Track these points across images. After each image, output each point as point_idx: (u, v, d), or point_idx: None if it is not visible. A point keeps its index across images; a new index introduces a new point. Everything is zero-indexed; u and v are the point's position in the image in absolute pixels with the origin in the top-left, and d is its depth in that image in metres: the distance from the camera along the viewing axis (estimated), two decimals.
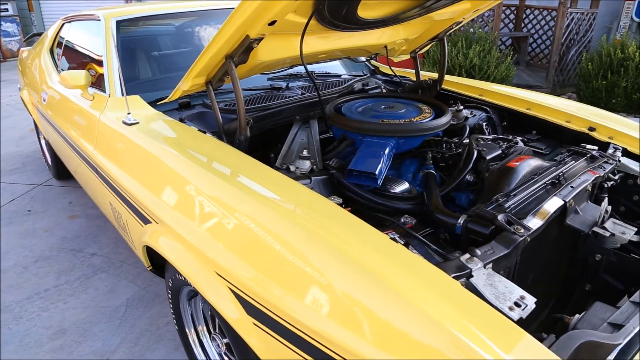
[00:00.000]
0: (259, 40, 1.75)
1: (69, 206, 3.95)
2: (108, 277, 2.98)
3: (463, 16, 2.44)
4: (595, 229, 1.63)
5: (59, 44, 3.62)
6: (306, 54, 2.18)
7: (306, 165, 1.83)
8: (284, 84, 2.64)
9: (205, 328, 1.98)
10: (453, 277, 1.19)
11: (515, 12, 8.62)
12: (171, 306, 2.02)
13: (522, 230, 1.40)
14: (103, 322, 2.58)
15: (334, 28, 1.98)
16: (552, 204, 1.56)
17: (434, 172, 1.90)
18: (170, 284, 1.91)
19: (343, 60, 3.15)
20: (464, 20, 2.50)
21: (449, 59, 6.28)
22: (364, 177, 1.77)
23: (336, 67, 3.17)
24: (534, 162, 1.82)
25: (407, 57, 2.87)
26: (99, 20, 2.80)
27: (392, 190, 1.84)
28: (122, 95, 2.36)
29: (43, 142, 4.48)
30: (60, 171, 4.20)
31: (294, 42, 2.03)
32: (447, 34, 2.61)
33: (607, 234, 1.61)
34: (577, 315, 1.31)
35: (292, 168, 1.84)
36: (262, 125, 2.29)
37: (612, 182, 2.02)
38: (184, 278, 1.66)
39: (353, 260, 1.16)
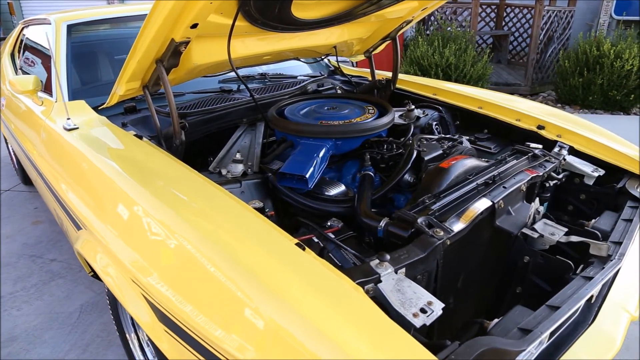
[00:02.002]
0: (186, 43, 1.72)
1: (34, 212, 3.92)
2: (65, 283, 2.94)
3: (412, 15, 2.42)
4: (524, 230, 1.61)
5: (19, 49, 3.59)
6: (248, 56, 2.17)
7: (238, 169, 1.81)
8: (235, 87, 2.61)
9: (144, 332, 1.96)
10: (359, 283, 1.18)
11: (495, 10, 8.63)
12: (111, 311, 1.99)
13: (442, 233, 1.38)
14: (55, 329, 2.55)
15: (271, 29, 1.96)
16: (479, 206, 1.54)
17: (371, 174, 1.88)
18: (107, 290, 1.88)
19: (307, 60, 3.13)
20: (413, 19, 2.49)
21: (425, 58, 6.27)
22: (296, 180, 1.75)
23: (301, 68, 3.14)
24: (469, 163, 1.81)
25: (362, 57, 2.85)
26: (50, 24, 2.77)
27: (326, 193, 1.82)
28: (65, 100, 2.33)
29: (11, 147, 4.44)
30: (27, 176, 4.16)
31: (231, 44, 2.01)
32: (399, 33, 2.59)
33: (536, 235, 1.60)
34: (495, 320, 1.29)
35: (223, 172, 1.81)
36: (207, 128, 2.27)
37: (555, 182, 2.01)
38: None
39: (248, 268, 1.14)
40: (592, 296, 1.52)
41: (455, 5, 7.58)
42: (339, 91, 2.82)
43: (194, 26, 1.62)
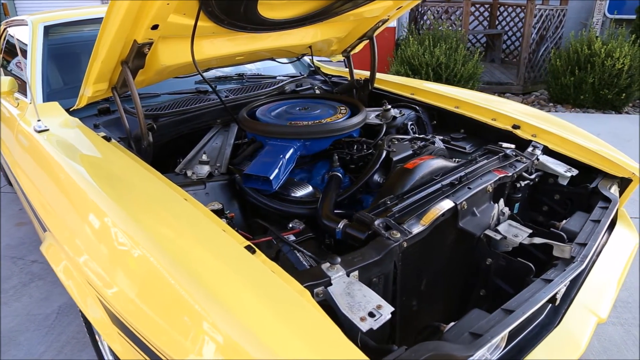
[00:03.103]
0: (149, 44, 1.71)
1: (19, 213, 3.91)
2: (45, 284, 2.94)
3: (387, 14, 2.41)
4: (487, 232, 1.60)
5: (1, 50, 3.58)
6: (219, 57, 2.15)
7: (204, 170, 1.80)
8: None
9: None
10: (307, 286, 1.16)
11: (489, 9, 8.61)
12: (81, 313, 1.98)
13: (398, 236, 1.37)
14: (31, 331, 2.54)
15: (239, 30, 1.94)
16: (440, 207, 1.52)
17: (339, 174, 1.86)
18: None
19: (285, 60, 3.12)
20: (389, 19, 2.47)
21: (416, 57, 6.25)
22: (261, 182, 1.73)
23: (285, 68, 3.13)
24: (436, 163, 1.79)
25: (341, 57, 2.84)
26: (27, 25, 2.76)
27: (293, 194, 1.81)
28: (37, 101, 2.32)
29: None
30: None
31: (199, 45, 2.00)
32: (376, 32, 2.58)
33: (499, 237, 1.58)
34: (451, 323, 1.28)
35: (189, 173, 1.80)
36: (180, 129, 2.26)
37: (527, 182, 1.99)
38: None
39: (192, 272, 1.12)
40: (555, 299, 1.50)
41: (447, 4, 7.56)
42: (317, 91, 2.81)
43: (155, 27, 1.60)
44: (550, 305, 1.59)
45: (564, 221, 1.84)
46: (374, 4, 2.20)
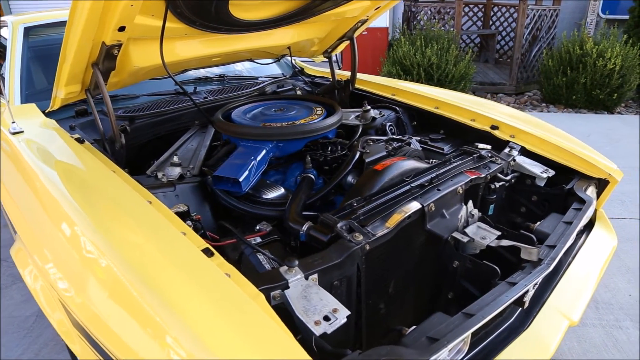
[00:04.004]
0: (118, 46, 1.70)
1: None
2: (25, 287, 2.91)
3: (366, 14, 2.40)
4: (455, 234, 1.59)
5: None
6: (194, 58, 2.15)
7: (175, 172, 1.79)
8: (191, 88, 2.59)
9: None
10: (263, 289, 1.16)
11: (483, 9, 8.60)
12: None
13: (361, 238, 1.36)
14: (10, 333, 2.53)
15: (213, 31, 1.94)
16: (407, 209, 1.51)
17: (312, 176, 1.85)
18: None
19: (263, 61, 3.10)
20: (368, 19, 2.46)
21: (407, 57, 6.24)
22: (231, 183, 1.72)
23: (270, 68, 3.11)
24: (407, 165, 1.78)
25: (322, 58, 2.83)
26: (7, 26, 2.75)
27: (264, 196, 1.80)
28: (15, 102, 2.31)
29: None
30: None
31: (172, 46, 2.00)
32: (355, 32, 2.57)
33: (466, 240, 1.57)
34: (413, 327, 1.27)
35: (159, 175, 1.79)
36: (157, 130, 2.25)
37: (502, 183, 1.98)
38: None
39: (144, 275, 1.11)
40: (523, 302, 1.50)
41: (440, 5, 7.56)
42: (298, 92, 2.80)
43: (122, 29, 1.59)
44: (521, 308, 1.58)
45: (538, 223, 1.83)
46: (351, 4, 2.19)
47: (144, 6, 1.54)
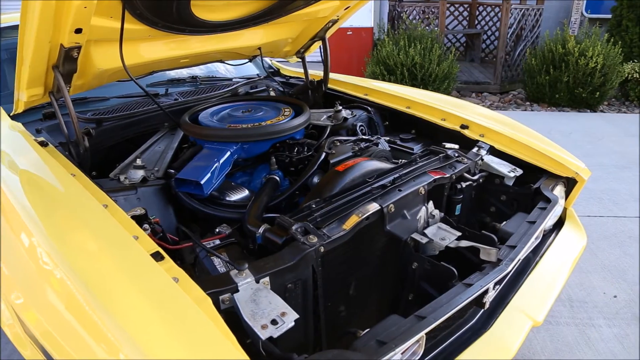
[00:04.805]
0: (77, 48, 1.68)
1: None
2: None
3: (336, 14, 2.39)
4: (414, 235, 1.58)
5: None
6: (160, 60, 2.13)
7: (138, 175, 1.77)
8: (162, 90, 2.57)
9: None
10: (211, 293, 1.15)
11: (468, 9, 8.63)
12: None
13: (315, 240, 1.35)
14: None
15: (177, 32, 1.92)
16: (364, 210, 1.50)
17: (276, 178, 1.84)
18: None
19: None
20: (339, 19, 2.46)
21: (391, 57, 6.24)
22: (193, 186, 1.71)
23: (248, 68, 3.10)
24: (370, 165, 1.78)
25: (295, 59, 2.81)
26: None
27: (228, 198, 1.79)
28: None
29: None
30: None
31: (137, 48, 1.98)
32: (327, 32, 2.56)
33: (424, 241, 1.57)
34: (366, 330, 1.26)
35: (122, 178, 1.77)
36: (125, 133, 2.23)
37: (468, 183, 1.98)
38: None
39: (88, 280, 1.10)
40: (483, 303, 1.49)
41: (425, 4, 7.57)
42: (272, 93, 2.78)
43: (79, 31, 1.57)
44: (483, 310, 1.58)
45: (504, 223, 1.83)
46: (319, 5, 2.18)
47: (99, 7, 1.52)
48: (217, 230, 1.58)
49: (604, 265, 3.10)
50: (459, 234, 1.61)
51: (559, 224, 2.17)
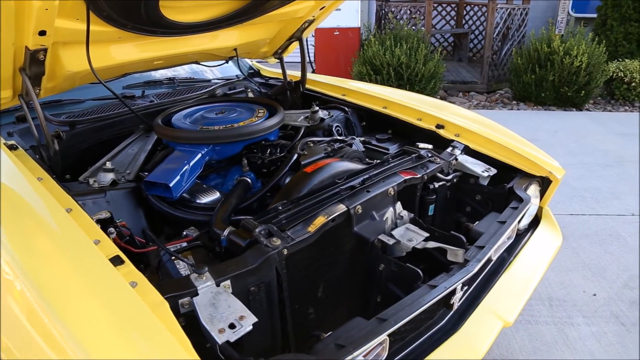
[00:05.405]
0: (44, 51, 1.66)
1: None
2: None
3: (312, 14, 2.39)
4: (381, 236, 1.58)
5: None
6: (132, 62, 2.12)
7: (107, 178, 1.76)
8: (139, 92, 2.55)
9: None
10: (170, 297, 1.14)
11: (455, 8, 8.65)
12: None
13: (278, 243, 1.34)
14: None
15: (148, 34, 1.91)
16: (330, 212, 1.49)
17: (248, 179, 1.83)
18: None
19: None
20: (315, 19, 2.45)
21: (377, 57, 6.25)
22: (163, 189, 1.70)
23: (229, 69, 3.08)
24: (340, 166, 1.77)
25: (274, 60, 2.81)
26: None
27: (198, 201, 1.78)
28: None
29: None
30: None
31: (107, 50, 1.96)
32: (304, 33, 2.55)
33: (391, 242, 1.56)
34: (330, 333, 1.26)
35: (91, 181, 1.76)
36: (99, 135, 2.21)
37: (442, 183, 1.98)
38: None
39: (43, 285, 1.09)
40: (451, 304, 1.49)
41: (411, 4, 7.58)
42: (250, 94, 2.77)
43: (43, 33, 1.55)
44: (452, 311, 1.58)
45: (476, 223, 1.82)
46: (294, 5, 2.17)
47: (63, 9, 1.50)
48: (184, 233, 1.57)
49: (585, 264, 3.12)
50: (427, 234, 1.60)
51: (535, 223, 2.18)
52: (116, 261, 1.20)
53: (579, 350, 2.40)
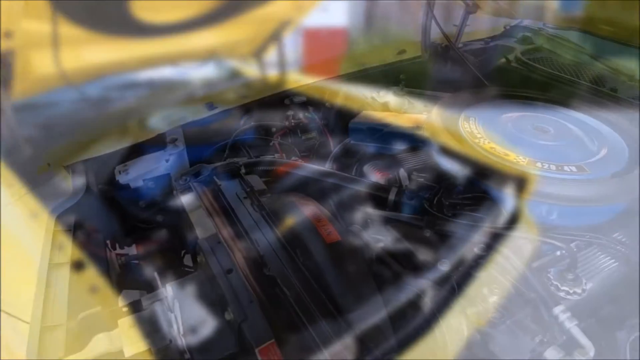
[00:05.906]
0: (11, 53, 1.65)
1: None
2: None
3: (290, 14, 2.39)
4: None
5: None
6: (109, 64, 2.10)
7: (79, 181, 1.74)
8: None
9: None
10: (133, 300, 1.13)
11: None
12: None
13: None
14: None
15: (120, 36, 1.89)
16: None
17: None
18: None
19: None
20: (294, 19, 2.45)
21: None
22: (134, 191, 1.69)
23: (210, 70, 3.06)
24: (309, 167, 1.77)
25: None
26: None
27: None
28: None
29: None
30: None
31: (79, 52, 1.95)
32: (282, 33, 2.55)
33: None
34: None
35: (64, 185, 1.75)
36: None
37: (418, 183, 1.98)
38: None
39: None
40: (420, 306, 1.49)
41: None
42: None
43: (9, 35, 1.54)
44: (422, 313, 1.57)
45: (451, 224, 1.82)
46: (271, 5, 2.17)
47: (28, 10, 1.49)
48: (154, 236, 1.56)
49: None
50: (398, 235, 1.60)
51: (512, 224, 2.17)
52: (77, 266, 1.19)
53: None
